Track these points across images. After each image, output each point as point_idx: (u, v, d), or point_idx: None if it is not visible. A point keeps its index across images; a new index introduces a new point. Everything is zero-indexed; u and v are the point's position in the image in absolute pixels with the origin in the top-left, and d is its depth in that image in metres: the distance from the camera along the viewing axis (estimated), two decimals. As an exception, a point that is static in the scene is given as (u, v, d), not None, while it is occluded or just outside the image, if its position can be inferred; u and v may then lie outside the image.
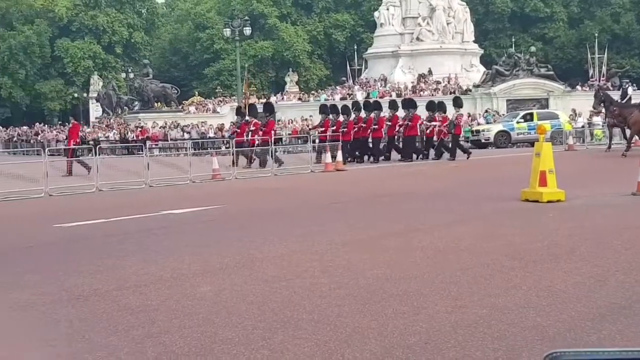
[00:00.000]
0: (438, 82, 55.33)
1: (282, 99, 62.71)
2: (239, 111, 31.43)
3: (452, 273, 7.83)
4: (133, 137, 43.73)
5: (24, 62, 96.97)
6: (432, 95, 52.80)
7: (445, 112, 29.45)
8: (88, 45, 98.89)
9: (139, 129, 45.89)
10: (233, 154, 25.04)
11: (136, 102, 61.85)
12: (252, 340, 5.69)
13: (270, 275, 7.98)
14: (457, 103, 30.72)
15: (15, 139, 60.01)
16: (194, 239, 10.73)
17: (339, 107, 30.81)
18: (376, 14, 63.77)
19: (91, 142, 36.37)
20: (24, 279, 8.03)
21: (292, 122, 47.89)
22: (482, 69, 58.42)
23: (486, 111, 47.16)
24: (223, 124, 48.94)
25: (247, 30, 53.62)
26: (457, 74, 56.77)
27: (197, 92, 77.65)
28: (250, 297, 7.01)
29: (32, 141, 52.21)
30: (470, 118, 43.96)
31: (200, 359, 5.30)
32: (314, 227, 11.64)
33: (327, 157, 24.68)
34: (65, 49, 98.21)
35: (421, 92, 53.56)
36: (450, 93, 52.73)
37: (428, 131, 28.96)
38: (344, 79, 71.70)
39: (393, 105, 30.72)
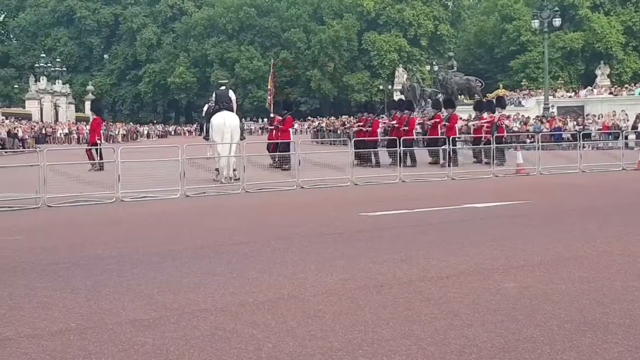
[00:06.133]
0: None
1: (592, 92, 60.18)
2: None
3: None
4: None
5: (333, 55, 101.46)
6: None
7: (494, 113, 27.45)
8: (394, 38, 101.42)
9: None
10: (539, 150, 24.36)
11: (439, 95, 62.29)
12: (557, 340, 5.48)
13: (577, 275, 7.66)
14: (500, 103, 28.96)
15: (323, 129, 62.61)
16: (498, 233, 10.56)
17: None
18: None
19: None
20: (331, 265, 8.33)
21: (601, 117, 45.75)
22: None
23: None
24: (528, 117, 48.02)
25: (557, 21, 51.85)
26: None
27: (501, 85, 76.82)
28: (555, 296, 6.76)
29: (338, 132, 54.17)
30: None
31: (504, 355, 5.17)
32: (626, 227, 11.03)
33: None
34: (372, 42, 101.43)
35: None
36: None
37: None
38: (662, 72, 67.37)
39: (436, 105, 29.80)
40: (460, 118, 30.32)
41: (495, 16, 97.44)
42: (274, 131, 26.42)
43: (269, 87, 32.19)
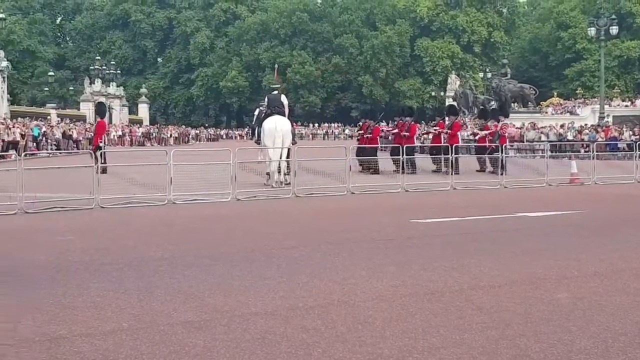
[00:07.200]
0: None
1: (648, 101, 59.22)
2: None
3: None
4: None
5: (385, 61, 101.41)
6: None
7: (498, 122, 27.10)
8: (447, 44, 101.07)
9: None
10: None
11: (492, 102, 61.81)
12: (612, 353, 5.38)
13: (632, 286, 7.53)
14: (503, 112, 29.21)
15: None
16: (551, 243, 10.43)
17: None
18: None
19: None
20: (382, 271, 8.30)
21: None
22: None
23: None
24: (582, 125, 47.42)
25: (614, 30, 51.00)
26: None
27: (555, 93, 75.97)
28: (610, 307, 6.65)
29: (389, 137, 53.86)
30: None
31: (556, 367, 5.11)
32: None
33: None
34: (424, 49, 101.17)
35: None
36: None
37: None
38: None
39: (440, 113, 29.53)
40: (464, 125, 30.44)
41: (550, 23, 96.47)
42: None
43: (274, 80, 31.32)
